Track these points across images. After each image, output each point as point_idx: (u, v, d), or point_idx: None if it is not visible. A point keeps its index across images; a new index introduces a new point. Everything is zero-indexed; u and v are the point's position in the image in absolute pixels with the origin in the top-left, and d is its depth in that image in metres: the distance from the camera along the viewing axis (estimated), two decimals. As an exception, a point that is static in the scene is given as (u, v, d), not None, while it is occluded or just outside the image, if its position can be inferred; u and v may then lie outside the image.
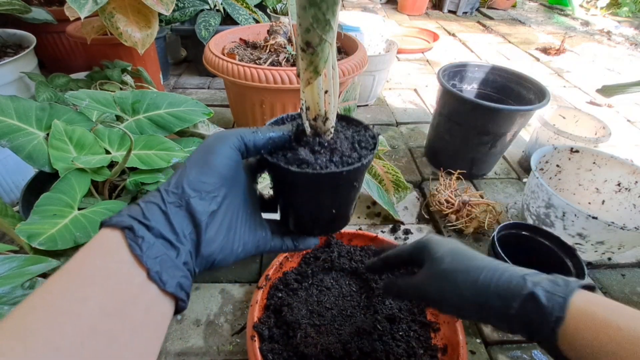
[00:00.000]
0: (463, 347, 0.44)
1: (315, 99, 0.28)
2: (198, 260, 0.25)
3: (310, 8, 0.22)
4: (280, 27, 0.88)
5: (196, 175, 0.25)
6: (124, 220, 0.22)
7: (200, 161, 0.26)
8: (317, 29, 0.23)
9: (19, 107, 0.53)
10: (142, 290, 0.21)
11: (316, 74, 0.26)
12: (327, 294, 0.52)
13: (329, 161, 0.28)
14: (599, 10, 2.49)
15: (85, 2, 0.67)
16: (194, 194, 0.24)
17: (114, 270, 0.21)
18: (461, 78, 0.96)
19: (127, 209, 0.24)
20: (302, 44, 0.24)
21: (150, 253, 0.22)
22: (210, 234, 0.25)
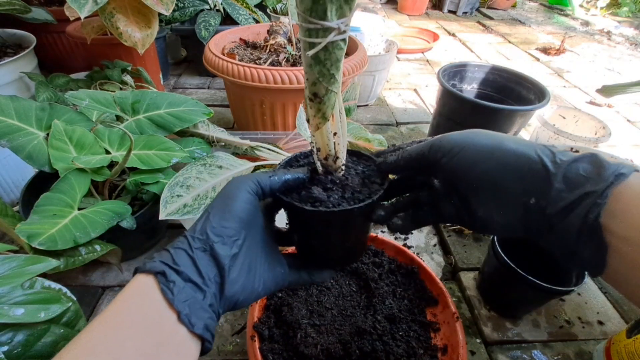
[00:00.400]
0: (463, 347, 0.44)
1: (325, 141, 0.29)
2: (222, 302, 0.26)
3: (315, 65, 0.24)
4: (280, 27, 0.88)
5: (218, 221, 0.27)
6: (156, 266, 0.24)
7: (221, 207, 0.27)
8: (323, 82, 0.25)
9: (19, 107, 0.53)
10: (172, 332, 0.23)
11: (324, 120, 0.28)
12: (327, 294, 0.52)
13: (341, 198, 0.29)
14: (598, 10, 2.48)
15: (85, 2, 0.67)
16: (217, 239, 0.26)
17: (148, 314, 0.23)
18: (461, 78, 0.96)
19: (159, 255, 0.25)
20: (310, 94, 0.26)
21: (181, 297, 0.23)
22: (232, 275, 0.26)
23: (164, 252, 0.26)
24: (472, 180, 0.25)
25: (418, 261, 0.54)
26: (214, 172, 0.55)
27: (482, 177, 0.25)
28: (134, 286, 0.24)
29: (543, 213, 0.23)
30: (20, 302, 0.30)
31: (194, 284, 0.24)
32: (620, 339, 0.48)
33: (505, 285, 0.56)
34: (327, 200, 0.28)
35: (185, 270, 0.24)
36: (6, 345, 0.28)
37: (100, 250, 0.49)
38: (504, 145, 0.25)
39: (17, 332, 0.29)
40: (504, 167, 0.24)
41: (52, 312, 0.31)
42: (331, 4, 0.22)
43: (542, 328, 0.57)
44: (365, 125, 1.11)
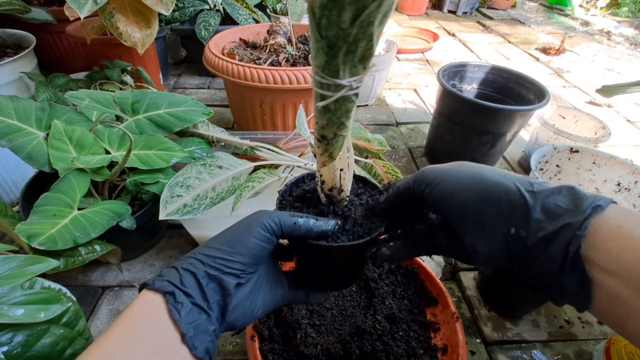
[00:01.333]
0: (463, 347, 0.44)
1: (330, 176, 0.30)
2: (223, 326, 0.27)
3: (325, 114, 0.24)
4: (280, 27, 0.88)
5: (231, 254, 0.27)
6: (165, 285, 0.25)
7: (237, 239, 0.28)
8: (332, 128, 0.25)
9: (19, 107, 0.53)
10: (175, 352, 0.23)
11: (331, 159, 0.28)
12: (327, 294, 0.52)
13: (342, 231, 0.29)
14: (598, 10, 2.48)
15: (85, 2, 0.67)
16: (226, 269, 0.26)
17: (155, 333, 0.23)
18: (461, 78, 0.96)
19: (167, 274, 0.26)
20: (319, 136, 0.26)
21: (187, 319, 0.24)
22: (235, 302, 0.27)
23: (172, 271, 0.26)
24: (454, 211, 0.25)
25: (418, 261, 0.54)
26: (213, 172, 0.55)
27: (462, 207, 0.25)
28: (142, 303, 0.24)
29: (524, 244, 0.23)
30: (20, 302, 0.30)
31: (199, 307, 0.25)
32: (620, 339, 0.48)
33: (505, 285, 0.56)
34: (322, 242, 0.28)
35: (192, 293, 0.25)
36: (6, 345, 0.28)
37: (100, 250, 0.49)
38: (483, 176, 0.25)
39: (16, 333, 0.29)
40: (483, 196, 0.24)
41: (52, 312, 0.31)
42: (344, 65, 0.22)
43: (542, 328, 0.57)
44: (365, 125, 1.11)
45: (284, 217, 0.28)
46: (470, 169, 0.26)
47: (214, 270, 0.26)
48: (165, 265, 0.65)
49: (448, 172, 0.26)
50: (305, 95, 0.75)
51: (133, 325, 0.23)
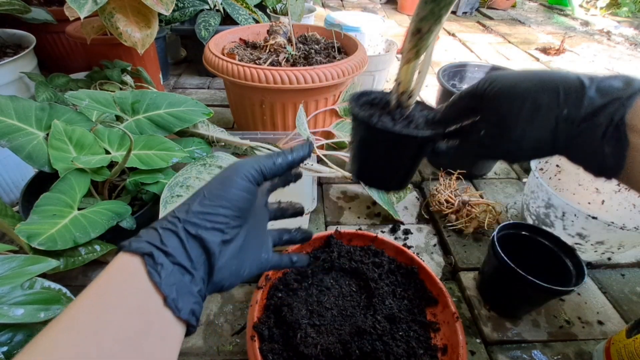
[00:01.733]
0: (463, 347, 0.44)
1: (407, 77, 0.33)
2: (209, 287, 0.26)
3: (430, 3, 0.27)
4: (280, 27, 0.88)
5: (212, 207, 0.26)
6: (143, 246, 0.23)
7: (218, 192, 0.27)
8: (431, 19, 0.28)
9: (19, 107, 0.53)
10: (158, 316, 0.22)
11: (416, 56, 0.30)
12: (327, 294, 0.52)
13: (406, 127, 0.32)
14: (598, 11, 2.48)
15: (85, 2, 0.67)
16: (209, 224, 0.25)
17: (133, 297, 0.22)
18: (461, 78, 0.96)
19: (146, 234, 0.24)
20: (414, 29, 0.29)
21: (168, 280, 0.23)
22: (222, 261, 0.26)
23: (151, 231, 0.24)
24: (514, 98, 0.27)
25: (418, 261, 0.54)
26: (213, 172, 0.55)
27: (523, 93, 0.26)
28: (118, 266, 0.23)
29: (572, 123, 0.25)
30: (20, 302, 0.30)
31: (182, 267, 0.24)
32: (620, 339, 0.48)
33: (505, 285, 0.56)
34: (392, 128, 0.31)
35: (173, 252, 0.23)
36: (6, 345, 0.28)
37: (100, 250, 0.49)
38: (544, 72, 0.27)
39: (16, 332, 0.29)
40: (543, 84, 0.26)
41: (52, 312, 0.31)
42: None
43: (542, 328, 0.57)
44: (365, 125, 1.11)
45: (262, 160, 0.29)
46: (530, 71, 0.28)
47: (195, 227, 0.25)
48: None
49: (510, 72, 0.28)
50: (305, 95, 0.75)
51: (110, 289, 0.22)
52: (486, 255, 0.60)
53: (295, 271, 0.55)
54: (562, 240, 0.56)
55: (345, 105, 0.84)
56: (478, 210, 0.71)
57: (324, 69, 0.72)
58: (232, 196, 0.26)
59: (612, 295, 0.63)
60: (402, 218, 0.77)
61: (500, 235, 0.57)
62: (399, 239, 0.72)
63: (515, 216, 0.78)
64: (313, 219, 0.75)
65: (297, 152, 0.30)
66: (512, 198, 0.83)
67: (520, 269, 0.50)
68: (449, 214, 0.73)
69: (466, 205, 0.72)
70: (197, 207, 0.26)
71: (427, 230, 0.75)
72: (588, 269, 0.68)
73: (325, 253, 0.56)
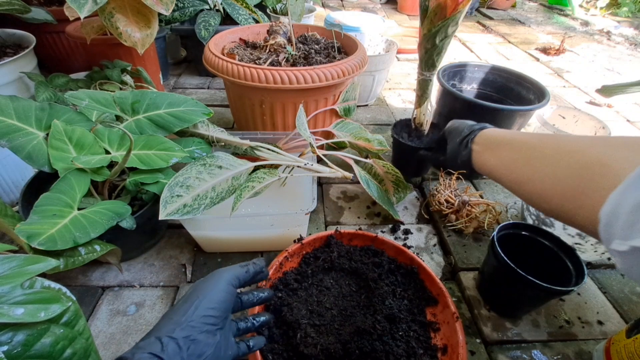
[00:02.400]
0: (463, 347, 0.44)
1: (420, 117, 0.76)
2: None
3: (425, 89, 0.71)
4: (280, 27, 0.88)
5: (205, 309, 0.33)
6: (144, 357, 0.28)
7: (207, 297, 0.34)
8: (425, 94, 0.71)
9: (19, 107, 0.53)
10: None
11: (423, 102, 0.73)
12: (327, 294, 0.52)
13: (413, 142, 0.77)
14: (598, 11, 2.49)
15: (85, 2, 0.67)
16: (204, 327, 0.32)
17: None
18: (461, 78, 0.96)
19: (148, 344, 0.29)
20: (419, 93, 0.73)
21: None
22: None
23: (154, 342, 0.29)
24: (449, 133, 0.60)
25: (418, 261, 0.54)
26: (213, 172, 0.55)
27: (450, 132, 0.60)
28: None
29: (460, 144, 0.55)
30: (20, 301, 0.30)
31: None
32: (620, 339, 0.48)
33: (505, 286, 0.56)
34: (411, 142, 0.76)
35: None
36: (6, 345, 0.28)
37: (100, 250, 0.49)
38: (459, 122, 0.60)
39: (16, 332, 0.29)
40: (456, 129, 0.58)
41: (52, 311, 0.31)
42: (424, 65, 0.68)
43: (542, 328, 0.57)
44: (365, 125, 1.11)
45: (237, 270, 0.38)
46: (456, 121, 0.60)
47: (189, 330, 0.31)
48: (164, 265, 0.65)
49: (451, 123, 0.62)
50: (305, 95, 0.75)
51: None
52: (486, 255, 0.59)
53: (295, 271, 0.55)
54: (562, 240, 0.56)
55: (345, 105, 0.84)
56: (478, 210, 0.71)
57: (324, 69, 0.72)
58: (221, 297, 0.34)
59: (612, 295, 0.63)
60: (402, 218, 0.77)
61: (500, 235, 0.57)
62: (399, 239, 0.72)
63: (515, 216, 0.78)
64: (313, 219, 0.75)
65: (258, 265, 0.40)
66: (512, 198, 0.83)
67: (520, 269, 0.50)
68: (449, 214, 0.73)
69: (466, 205, 0.72)
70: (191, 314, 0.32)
71: (427, 230, 0.75)
72: (588, 269, 0.68)
73: (325, 253, 0.56)
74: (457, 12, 0.58)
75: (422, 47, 0.66)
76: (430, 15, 0.61)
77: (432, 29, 0.61)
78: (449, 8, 0.58)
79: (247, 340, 0.38)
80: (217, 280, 0.35)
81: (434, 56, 0.66)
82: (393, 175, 0.75)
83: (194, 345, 0.30)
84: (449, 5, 0.58)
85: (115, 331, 0.54)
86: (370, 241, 0.59)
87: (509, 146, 0.46)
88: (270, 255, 0.67)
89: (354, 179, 0.70)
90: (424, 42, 0.64)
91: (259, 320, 0.41)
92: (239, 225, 0.61)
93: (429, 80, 0.70)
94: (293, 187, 0.71)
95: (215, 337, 0.32)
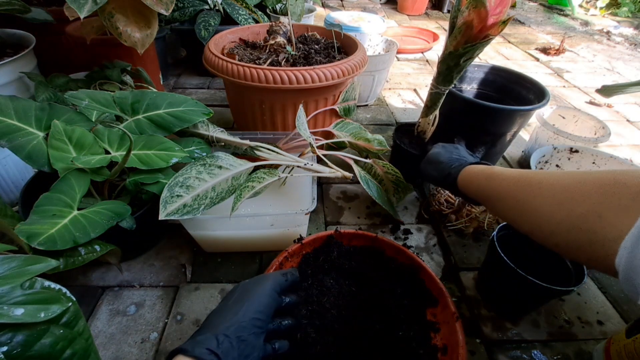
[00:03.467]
0: (463, 347, 0.44)
1: (424, 125, 0.78)
2: None
3: (435, 104, 0.73)
4: (280, 27, 0.88)
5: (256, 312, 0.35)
6: (204, 353, 0.29)
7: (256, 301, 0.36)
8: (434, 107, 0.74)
9: (19, 107, 0.53)
10: None
11: (426, 116, 0.76)
12: (327, 294, 0.52)
13: (420, 150, 0.76)
14: (598, 10, 2.49)
15: (85, 2, 0.67)
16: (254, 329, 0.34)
17: None
18: (461, 78, 0.96)
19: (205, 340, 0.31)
20: (429, 104, 0.74)
21: None
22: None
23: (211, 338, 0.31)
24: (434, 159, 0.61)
25: (418, 261, 0.54)
26: (213, 172, 0.55)
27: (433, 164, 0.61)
28: None
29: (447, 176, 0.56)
30: (19, 302, 0.30)
31: None
32: (619, 339, 0.48)
33: (505, 286, 0.56)
34: (414, 150, 0.78)
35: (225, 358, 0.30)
36: (5, 345, 0.28)
37: (100, 250, 0.49)
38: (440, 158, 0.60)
39: (16, 333, 0.29)
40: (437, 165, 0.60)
41: (52, 312, 0.31)
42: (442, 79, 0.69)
43: (542, 328, 0.57)
44: (365, 125, 1.11)
45: (279, 278, 0.40)
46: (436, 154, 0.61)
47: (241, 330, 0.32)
48: (164, 265, 0.65)
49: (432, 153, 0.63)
50: (305, 95, 0.75)
51: None
52: (486, 255, 0.60)
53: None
54: (562, 240, 0.56)
55: (345, 105, 0.84)
56: (478, 210, 0.71)
57: (324, 69, 0.72)
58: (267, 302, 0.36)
59: (612, 295, 0.63)
60: (402, 218, 0.77)
61: (500, 235, 0.57)
62: (399, 239, 0.72)
63: (515, 216, 0.78)
64: (313, 219, 0.75)
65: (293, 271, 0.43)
66: (512, 198, 0.83)
67: (520, 269, 0.50)
68: (449, 214, 0.73)
69: (466, 205, 0.72)
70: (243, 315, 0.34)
71: (427, 230, 0.75)
72: (588, 269, 0.68)
73: (325, 253, 0.56)
74: (488, 39, 0.57)
75: (445, 64, 0.65)
76: (456, 33, 0.59)
77: (460, 50, 0.60)
78: (475, 28, 0.56)
79: (273, 343, 0.39)
80: (264, 284, 0.37)
81: (453, 73, 0.65)
82: (393, 175, 0.75)
83: (243, 345, 0.32)
84: (475, 25, 0.56)
85: (115, 331, 0.54)
86: (370, 241, 0.59)
87: (493, 199, 0.45)
88: (270, 255, 0.67)
89: (354, 179, 0.70)
90: (448, 59, 0.63)
91: (286, 324, 0.41)
92: (239, 225, 0.61)
93: (443, 94, 0.70)
94: (293, 187, 0.71)
95: (259, 340, 0.34)
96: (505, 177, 0.44)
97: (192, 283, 0.62)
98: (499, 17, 0.55)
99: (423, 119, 0.76)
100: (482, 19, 0.55)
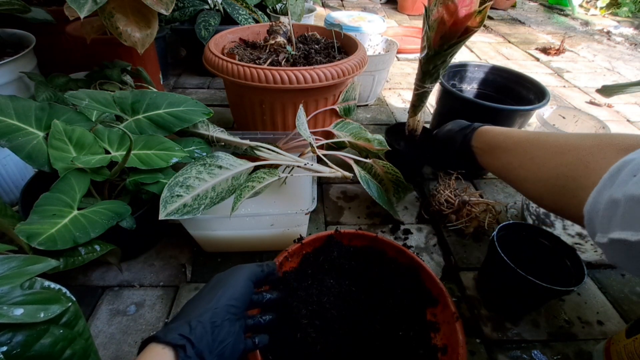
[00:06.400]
0: (463, 347, 0.44)
1: (414, 123, 0.77)
2: None
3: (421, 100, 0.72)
4: (280, 27, 0.88)
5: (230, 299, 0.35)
6: (176, 339, 0.30)
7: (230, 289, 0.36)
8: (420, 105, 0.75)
9: (19, 107, 0.53)
10: None
11: (414, 114, 0.76)
12: (327, 294, 0.52)
13: (412, 149, 0.79)
14: (598, 10, 2.48)
15: (85, 1, 0.67)
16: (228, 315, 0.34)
17: None
18: (461, 78, 0.96)
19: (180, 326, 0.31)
20: (415, 103, 0.74)
21: None
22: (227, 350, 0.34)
23: (183, 324, 0.31)
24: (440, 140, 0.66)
25: (418, 261, 0.54)
26: (213, 172, 0.55)
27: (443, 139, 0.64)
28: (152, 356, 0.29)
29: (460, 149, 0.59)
30: (19, 302, 0.30)
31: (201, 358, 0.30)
32: (620, 339, 0.48)
33: (505, 286, 0.56)
34: (403, 146, 0.79)
35: (198, 345, 0.30)
36: (5, 345, 0.28)
37: (100, 250, 0.49)
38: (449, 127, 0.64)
39: (16, 333, 0.29)
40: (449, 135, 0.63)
41: (52, 312, 0.31)
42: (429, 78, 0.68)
43: (542, 328, 0.57)
44: (365, 125, 1.11)
45: (255, 268, 0.41)
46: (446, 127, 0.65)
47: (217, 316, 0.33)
48: (164, 265, 0.65)
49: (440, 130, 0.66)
50: (305, 95, 0.75)
51: None
52: (486, 255, 0.59)
53: (295, 271, 0.55)
54: (562, 240, 0.56)
55: (345, 105, 0.84)
56: (478, 210, 0.71)
57: (324, 69, 0.72)
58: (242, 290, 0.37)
59: (612, 295, 0.63)
60: (402, 218, 0.77)
61: (500, 235, 0.57)
62: (399, 239, 0.72)
63: (515, 216, 0.78)
64: (313, 219, 0.75)
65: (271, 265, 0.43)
66: (512, 198, 0.83)
67: (520, 269, 0.50)
68: (449, 214, 0.73)
69: (466, 205, 0.72)
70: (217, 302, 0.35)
71: (427, 230, 0.75)
72: (588, 269, 0.68)
73: (325, 253, 0.56)
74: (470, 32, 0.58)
75: (431, 63, 0.65)
76: (430, 31, 0.60)
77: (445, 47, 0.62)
78: (447, 22, 0.57)
79: (254, 337, 0.40)
80: (238, 274, 0.38)
81: (440, 70, 0.66)
82: (393, 175, 0.75)
83: (217, 330, 0.32)
84: (447, 19, 0.56)
85: (115, 331, 0.54)
86: (370, 241, 0.59)
87: (502, 149, 0.50)
88: (270, 255, 0.67)
89: (354, 179, 0.70)
90: (434, 59, 0.64)
91: (266, 319, 0.42)
92: (239, 225, 0.60)
93: (430, 91, 0.71)
94: (293, 187, 0.71)
95: (235, 327, 0.34)
96: (520, 131, 0.51)
97: (192, 283, 0.62)
98: (470, 7, 0.54)
99: (412, 118, 0.76)
100: (452, 12, 0.55)
